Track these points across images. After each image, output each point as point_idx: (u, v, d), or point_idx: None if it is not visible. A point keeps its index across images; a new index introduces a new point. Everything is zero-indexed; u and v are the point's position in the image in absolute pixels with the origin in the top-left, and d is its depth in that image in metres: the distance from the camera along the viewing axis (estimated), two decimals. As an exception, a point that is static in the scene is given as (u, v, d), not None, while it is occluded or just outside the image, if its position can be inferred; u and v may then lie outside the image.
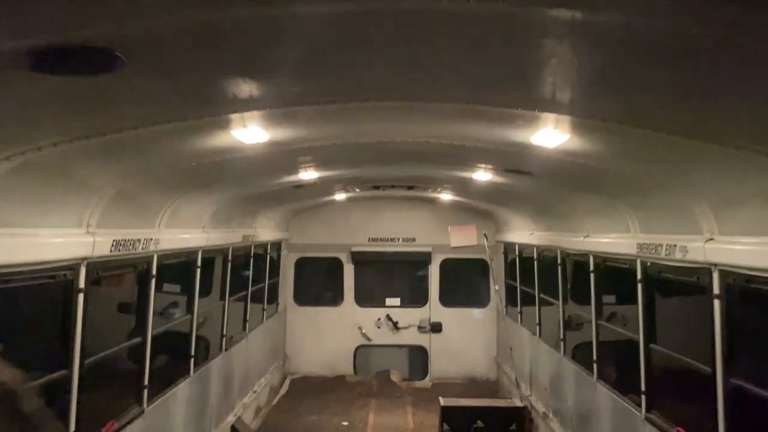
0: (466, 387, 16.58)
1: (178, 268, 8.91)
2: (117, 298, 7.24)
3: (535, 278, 12.58)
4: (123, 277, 7.06)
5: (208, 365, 10.21)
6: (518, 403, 12.86)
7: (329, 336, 17.19)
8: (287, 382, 16.72)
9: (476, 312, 17.35)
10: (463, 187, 11.59)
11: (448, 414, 12.66)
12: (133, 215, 6.90)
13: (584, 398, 9.61)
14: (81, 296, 5.71)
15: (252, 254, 12.98)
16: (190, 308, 9.23)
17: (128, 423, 7.03)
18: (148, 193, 6.93)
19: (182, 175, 6.81)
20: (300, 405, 14.82)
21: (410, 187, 12.73)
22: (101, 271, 6.11)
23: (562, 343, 10.78)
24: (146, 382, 7.49)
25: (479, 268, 17.43)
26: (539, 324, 12.52)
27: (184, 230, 8.56)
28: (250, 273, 12.91)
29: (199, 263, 9.26)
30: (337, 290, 17.47)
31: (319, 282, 17.99)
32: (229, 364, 11.58)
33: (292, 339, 17.28)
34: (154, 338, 7.80)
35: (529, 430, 12.51)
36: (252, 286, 13.07)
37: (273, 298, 15.58)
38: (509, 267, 15.28)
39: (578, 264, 10.26)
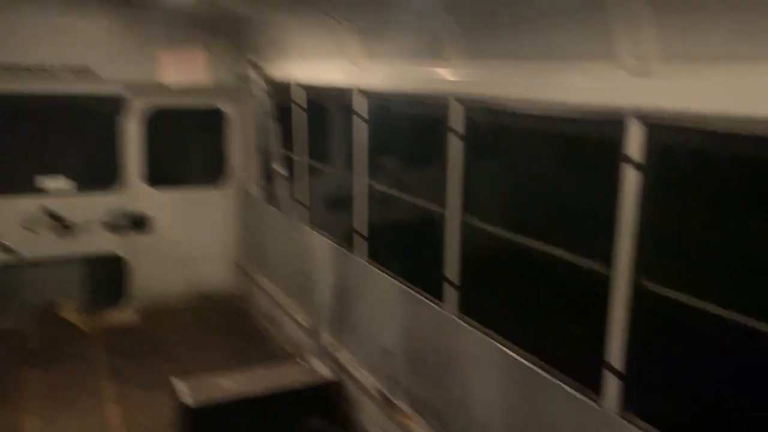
0: (196, 313, 10.39)
1: None
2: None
3: (366, 152, 6.64)
4: None
5: None
6: (325, 373, 7.30)
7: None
8: None
9: (206, 195, 10.82)
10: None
11: (198, 419, 6.54)
12: None
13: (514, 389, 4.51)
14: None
15: None
16: None
17: None
18: None
19: None
20: None
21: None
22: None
23: (454, 292, 5.32)
24: None
25: (210, 123, 10.67)
26: (369, 240, 6.80)
27: None
28: None
29: None
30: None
31: None
32: None
33: None
34: None
35: (346, 416, 7.20)
36: None
37: None
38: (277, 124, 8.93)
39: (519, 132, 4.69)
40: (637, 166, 3.61)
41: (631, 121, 3.60)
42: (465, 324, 5.23)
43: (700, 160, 3.54)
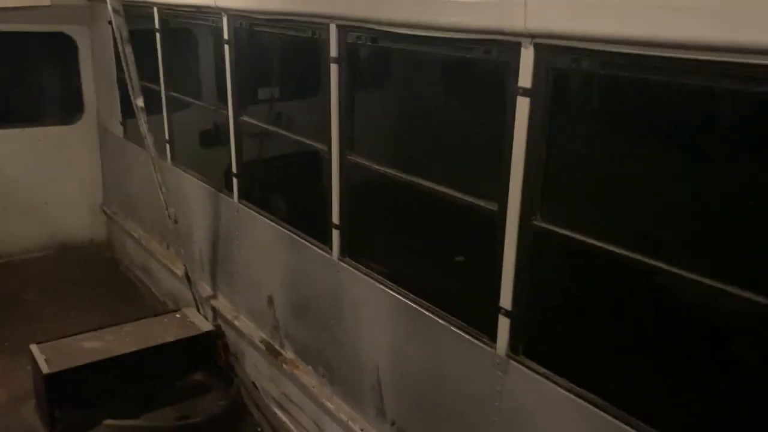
0: (57, 266, 9.40)
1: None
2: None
3: (234, 82, 5.94)
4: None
5: None
6: (203, 325, 6.78)
7: None
8: None
9: (59, 134, 9.63)
10: None
11: (60, 387, 5.87)
12: None
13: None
14: None
15: None
16: None
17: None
18: None
19: None
20: None
21: None
22: None
23: (338, 234, 4.94)
24: None
25: (59, 52, 9.39)
26: (240, 179, 6.21)
27: None
28: None
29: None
30: None
31: None
32: None
33: None
34: None
35: (225, 361, 6.77)
36: None
37: None
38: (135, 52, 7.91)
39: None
40: (530, 93, 3.31)
41: (525, 44, 3.27)
42: (350, 267, 4.89)
43: (594, 87, 3.29)
